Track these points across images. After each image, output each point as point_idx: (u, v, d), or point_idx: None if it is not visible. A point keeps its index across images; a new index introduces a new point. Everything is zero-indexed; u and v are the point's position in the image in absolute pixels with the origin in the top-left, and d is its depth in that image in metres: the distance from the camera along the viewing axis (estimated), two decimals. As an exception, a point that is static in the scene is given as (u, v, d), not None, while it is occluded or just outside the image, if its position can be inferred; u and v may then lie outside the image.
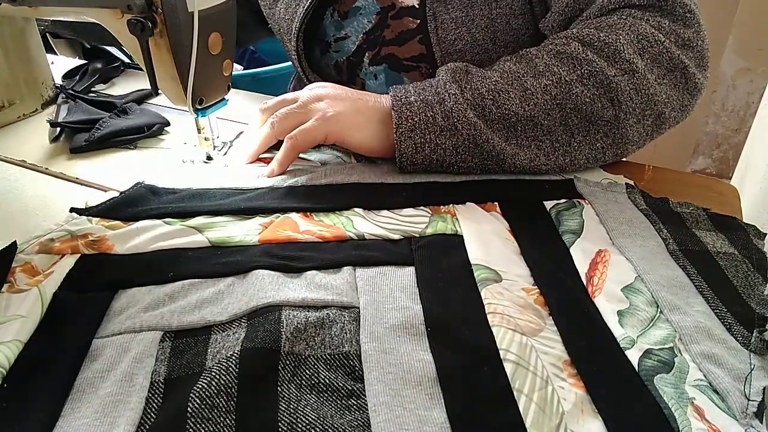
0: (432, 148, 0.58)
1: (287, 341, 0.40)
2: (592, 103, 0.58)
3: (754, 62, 1.80)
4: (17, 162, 0.66)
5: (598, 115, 0.59)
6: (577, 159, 0.61)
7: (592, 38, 0.59)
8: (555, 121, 0.59)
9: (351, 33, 0.74)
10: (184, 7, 0.51)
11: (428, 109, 0.58)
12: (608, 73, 0.58)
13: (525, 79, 0.58)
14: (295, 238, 0.51)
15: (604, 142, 0.60)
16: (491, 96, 0.58)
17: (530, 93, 0.58)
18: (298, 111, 0.60)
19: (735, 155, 1.88)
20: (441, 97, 0.58)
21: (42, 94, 0.78)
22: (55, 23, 0.86)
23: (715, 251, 0.50)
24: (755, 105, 1.84)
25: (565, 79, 0.58)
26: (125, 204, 0.55)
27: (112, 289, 0.46)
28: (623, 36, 0.58)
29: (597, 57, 0.58)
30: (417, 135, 0.58)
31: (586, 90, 0.58)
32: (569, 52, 0.59)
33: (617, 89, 0.58)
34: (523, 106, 0.58)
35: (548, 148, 0.60)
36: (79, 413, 0.37)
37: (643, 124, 0.60)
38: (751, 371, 0.39)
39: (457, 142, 0.58)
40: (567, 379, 0.39)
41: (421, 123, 0.57)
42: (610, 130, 0.60)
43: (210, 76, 0.58)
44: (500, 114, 0.58)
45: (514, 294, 0.46)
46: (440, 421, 0.36)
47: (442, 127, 0.57)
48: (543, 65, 0.59)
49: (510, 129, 0.59)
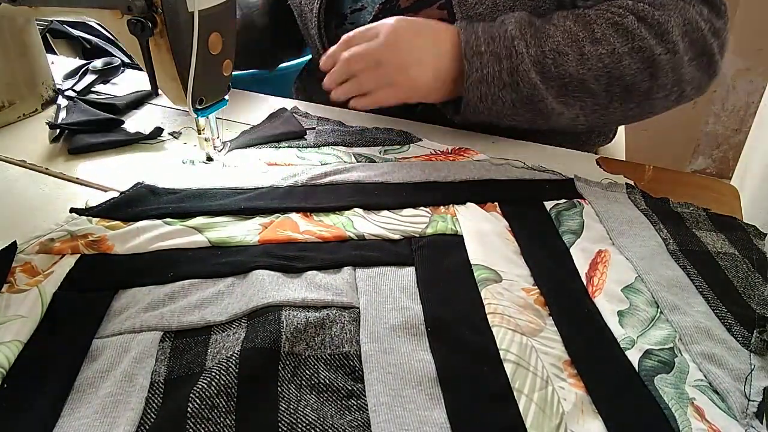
0: (494, 99, 0.63)
1: (287, 341, 0.40)
2: (635, 75, 0.63)
3: (754, 62, 1.80)
4: (17, 162, 0.66)
5: (637, 86, 0.64)
6: (609, 121, 0.68)
7: (646, 14, 0.63)
8: (601, 87, 0.64)
9: (367, 4, 0.75)
10: (184, 7, 0.51)
11: (496, 63, 0.62)
12: (655, 51, 0.62)
13: (584, 43, 0.63)
14: (295, 238, 0.51)
15: (634, 111, 0.66)
16: (552, 55, 0.62)
17: (586, 58, 0.62)
18: (370, 59, 0.63)
19: (735, 155, 1.88)
20: (509, 51, 0.62)
21: (42, 94, 0.78)
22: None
23: (715, 251, 0.50)
24: (755, 105, 1.84)
25: (619, 51, 0.62)
26: (125, 204, 0.55)
27: (112, 289, 0.46)
28: (674, 18, 0.63)
29: (648, 34, 0.63)
30: (483, 87, 0.62)
31: (633, 63, 0.63)
32: (626, 25, 0.63)
33: (658, 66, 0.63)
34: (579, 69, 0.62)
35: (589, 109, 0.65)
36: (79, 413, 0.37)
37: (668, 98, 0.66)
38: (751, 371, 0.39)
39: (516, 98, 0.63)
40: (567, 379, 0.39)
41: (488, 76, 0.62)
42: (642, 100, 0.65)
43: (210, 76, 0.58)
44: (557, 73, 0.62)
45: (514, 294, 0.45)
46: (440, 421, 0.36)
47: (506, 82, 0.62)
48: (600, 33, 0.63)
49: (562, 87, 0.63)
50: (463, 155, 0.65)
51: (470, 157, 0.64)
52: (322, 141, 0.67)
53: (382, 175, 0.60)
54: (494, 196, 0.57)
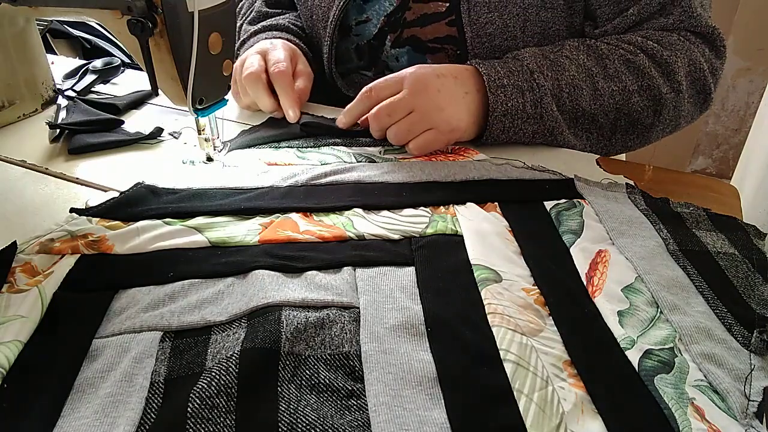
0: (515, 131, 0.64)
1: (287, 341, 0.40)
2: (641, 112, 0.66)
3: (754, 62, 1.80)
4: (17, 162, 0.66)
5: (641, 122, 0.67)
6: (609, 151, 0.70)
7: (656, 54, 0.66)
8: (609, 121, 0.66)
9: (372, 16, 0.76)
10: (184, 7, 0.51)
11: (519, 96, 0.62)
12: (662, 90, 0.65)
13: (597, 79, 0.65)
14: (295, 238, 0.51)
15: (633, 142, 0.69)
16: (567, 89, 0.63)
17: (599, 94, 0.64)
18: (401, 110, 0.62)
19: (735, 155, 1.88)
20: (530, 84, 0.62)
21: (42, 94, 0.78)
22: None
23: (715, 251, 0.50)
24: (755, 105, 1.84)
25: (629, 88, 0.65)
26: (125, 204, 0.55)
27: (112, 289, 0.46)
28: (681, 58, 0.66)
29: (657, 73, 0.65)
30: (508, 120, 0.63)
31: (641, 100, 0.66)
32: (637, 63, 0.65)
33: (663, 104, 0.66)
34: (591, 104, 0.64)
35: (594, 140, 0.68)
36: (79, 413, 0.37)
37: (665, 131, 0.70)
38: (751, 371, 0.39)
39: (537, 130, 0.64)
40: (567, 379, 0.39)
41: (512, 109, 0.63)
42: (642, 133, 0.68)
43: (210, 76, 0.58)
44: (571, 107, 0.64)
45: (514, 294, 0.45)
46: (440, 421, 0.36)
47: (530, 114, 0.63)
48: (613, 69, 0.65)
49: (573, 120, 0.65)
50: (463, 155, 0.65)
51: (470, 157, 0.64)
52: (323, 142, 0.67)
53: (382, 175, 0.60)
54: (494, 196, 0.57)
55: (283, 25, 0.82)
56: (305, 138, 0.68)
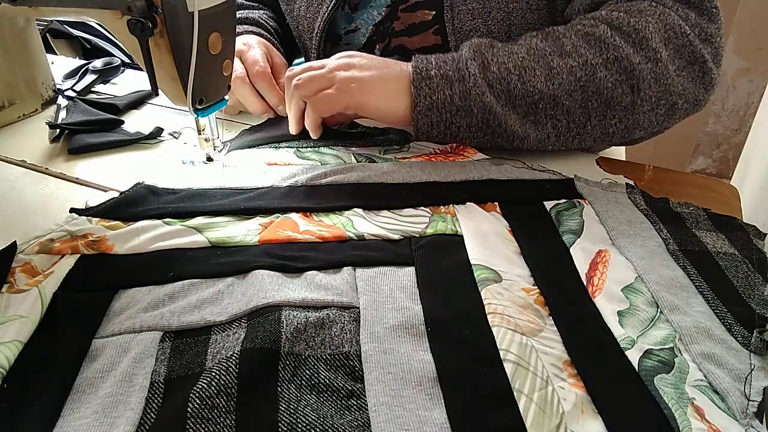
0: (447, 125, 0.61)
1: (287, 341, 0.40)
2: (613, 88, 0.58)
3: (754, 62, 1.80)
4: (17, 162, 0.66)
5: (617, 101, 0.59)
6: (586, 140, 0.62)
7: (621, 22, 0.59)
8: (576, 103, 0.59)
9: (361, 25, 0.75)
10: (184, 7, 0.51)
11: (447, 87, 0.59)
12: (633, 60, 0.58)
13: (551, 57, 0.59)
14: (295, 238, 0.51)
15: (616, 127, 0.61)
16: (517, 71, 0.59)
17: (556, 72, 0.58)
18: (322, 75, 0.61)
19: (735, 155, 1.88)
20: (461, 74, 0.59)
21: (42, 94, 0.78)
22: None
23: (715, 251, 0.50)
24: (755, 105, 1.84)
25: (591, 62, 0.58)
26: (125, 204, 0.55)
27: (112, 289, 0.46)
28: (652, 24, 0.59)
29: (624, 42, 0.58)
30: (434, 114, 0.60)
31: (610, 75, 0.58)
32: (597, 35, 0.59)
33: (639, 77, 0.58)
34: (548, 84, 0.58)
35: (563, 128, 0.61)
36: (79, 413, 0.37)
37: (656, 112, 0.61)
38: (751, 371, 0.39)
39: (471, 122, 0.60)
40: (567, 379, 0.39)
41: (438, 102, 0.59)
42: (624, 115, 0.60)
43: (210, 76, 0.57)
44: (524, 90, 0.59)
45: (514, 294, 0.45)
46: (440, 421, 0.36)
47: (459, 107, 0.59)
48: (570, 45, 0.59)
49: (531, 106, 0.60)
50: (463, 155, 0.65)
51: (470, 157, 0.64)
52: (323, 142, 0.67)
53: (382, 175, 0.60)
54: (494, 196, 0.57)
55: (253, 19, 0.82)
56: (305, 138, 0.68)
